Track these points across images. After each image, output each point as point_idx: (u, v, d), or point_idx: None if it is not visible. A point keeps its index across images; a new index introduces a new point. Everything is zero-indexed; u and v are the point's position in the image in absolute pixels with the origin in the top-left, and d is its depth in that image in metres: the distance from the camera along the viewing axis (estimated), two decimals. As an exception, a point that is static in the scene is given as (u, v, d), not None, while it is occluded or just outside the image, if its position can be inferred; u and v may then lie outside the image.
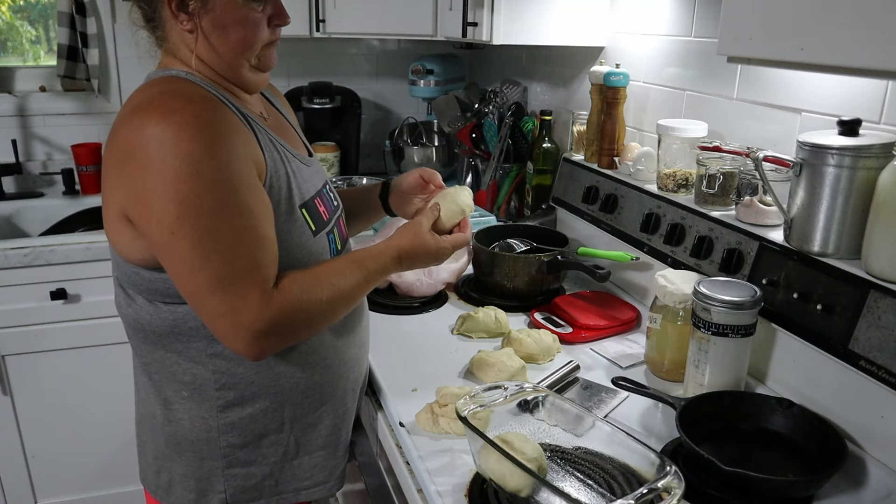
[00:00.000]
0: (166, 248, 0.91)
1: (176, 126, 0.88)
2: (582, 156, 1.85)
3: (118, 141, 0.93)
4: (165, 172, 0.88)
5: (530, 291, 1.62)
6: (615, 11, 1.79)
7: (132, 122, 0.91)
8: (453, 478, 1.01)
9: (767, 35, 0.89)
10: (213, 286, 0.91)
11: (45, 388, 2.05)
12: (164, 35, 1.02)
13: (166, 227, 0.89)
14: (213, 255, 0.90)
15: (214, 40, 0.99)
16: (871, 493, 1.01)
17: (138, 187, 0.90)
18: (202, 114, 0.91)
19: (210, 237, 0.90)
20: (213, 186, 0.89)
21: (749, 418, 1.10)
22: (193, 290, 0.93)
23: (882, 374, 1.01)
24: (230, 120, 0.96)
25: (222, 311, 0.92)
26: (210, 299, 0.92)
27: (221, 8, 0.98)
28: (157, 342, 1.05)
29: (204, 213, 0.89)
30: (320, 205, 1.11)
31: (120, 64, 2.47)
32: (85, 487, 2.18)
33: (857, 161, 1.05)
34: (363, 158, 2.73)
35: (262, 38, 1.02)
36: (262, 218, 0.95)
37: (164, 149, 0.87)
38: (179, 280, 0.94)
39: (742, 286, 1.16)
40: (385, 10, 2.14)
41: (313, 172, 1.14)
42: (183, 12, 0.98)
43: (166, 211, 0.88)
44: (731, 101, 1.41)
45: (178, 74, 1.01)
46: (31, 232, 2.30)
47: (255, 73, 1.05)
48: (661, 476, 0.84)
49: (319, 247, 1.08)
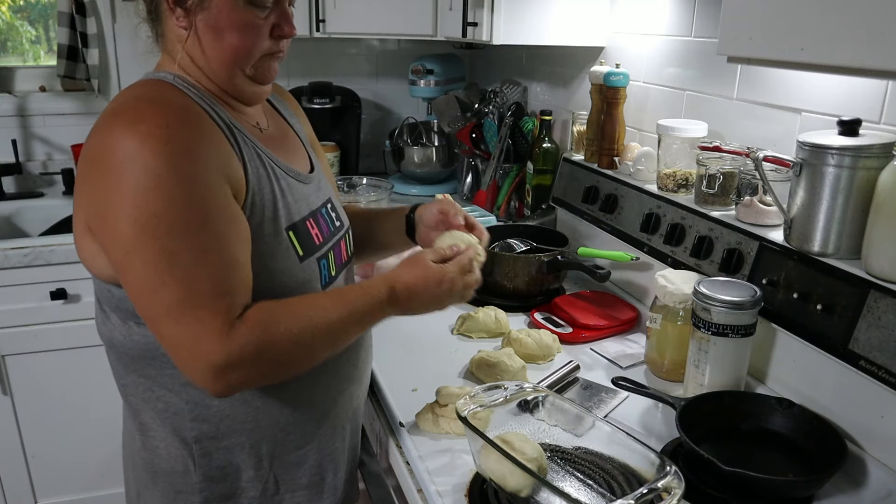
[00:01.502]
0: (123, 267, 0.85)
1: (140, 136, 0.82)
2: (582, 156, 1.85)
3: (87, 147, 0.87)
4: (124, 186, 0.81)
5: (530, 291, 1.62)
6: (615, 11, 1.79)
7: (102, 128, 0.86)
8: (453, 478, 1.01)
9: (767, 35, 0.89)
10: (171, 312, 0.83)
11: (45, 388, 2.05)
12: (162, 31, 0.96)
13: (121, 245, 0.83)
14: (169, 279, 0.82)
15: (207, 42, 0.92)
16: (871, 493, 1.01)
17: (99, 200, 0.85)
18: (171, 124, 0.84)
19: (167, 259, 0.82)
20: (172, 204, 0.82)
21: (749, 418, 1.10)
22: (151, 315, 0.85)
23: (882, 374, 1.01)
24: (205, 132, 0.88)
25: (180, 339, 0.84)
26: (167, 326, 0.84)
27: (219, 8, 0.90)
28: (130, 365, 0.98)
29: (161, 232, 0.81)
30: (313, 227, 1.02)
31: (120, 64, 2.47)
32: (85, 487, 2.18)
33: (857, 161, 1.05)
34: (363, 158, 2.73)
35: (260, 48, 0.94)
36: (230, 240, 0.87)
37: (125, 160, 0.81)
38: (137, 302, 0.86)
39: (742, 286, 1.16)
40: (385, 10, 2.14)
41: (311, 190, 1.05)
42: (180, 7, 0.91)
43: (122, 228, 0.82)
44: (731, 101, 1.41)
45: (164, 78, 0.94)
46: (31, 232, 2.30)
47: (251, 84, 0.97)
48: (661, 476, 0.84)
49: (307, 273, 0.99)
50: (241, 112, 1.00)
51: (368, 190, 2.29)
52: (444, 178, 2.59)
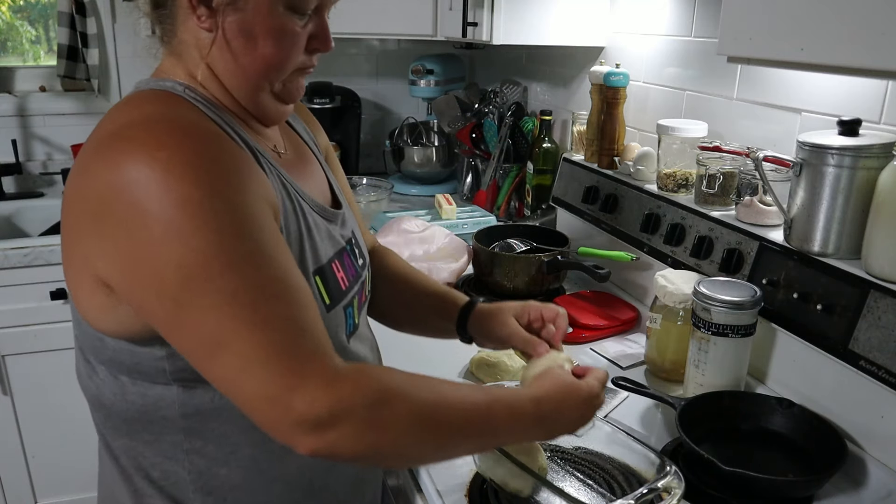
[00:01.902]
0: (173, 323, 0.69)
1: (164, 165, 0.67)
2: (582, 156, 1.85)
3: (90, 181, 0.71)
4: (159, 227, 0.66)
5: (530, 291, 1.62)
6: (615, 11, 1.79)
7: (108, 157, 0.70)
8: (453, 478, 1.01)
9: (767, 35, 0.89)
10: (250, 363, 0.66)
11: (45, 388, 2.05)
12: (172, 29, 0.81)
13: (169, 298, 0.67)
14: (240, 324, 0.66)
15: (236, 48, 0.78)
16: (871, 493, 1.01)
17: (123, 248, 0.69)
18: (201, 148, 0.70)
19: (231, 301, 0.66)
20: (223, 236, 0.67)
21: (749, 418, 1.10)
22: (223, 372, 0.68)
23: (882, 374, 1.01)
24: (238, 155, 0.75)
25: (269, 393, 0.66)
26: (248, 381, 0.66)
27: (255, 10, 0.76)
28: (121, 427, 0.83)
29: (217, 272, 0.66)
30: (339, 270, 0.89)
31: (120, 64, 2.47)
32: (85, 487, 2.17)
33: (857, 161, 1.05)
34: (363, 158, 2.73)
35: (294, 60, 0.81)
36: (293, 270, 0.73)
37: (152, 196, 0.66)
38: (202, 361, 0.69)
39: (742, 286, 1.16)
40: (385, 10, 2.14)
41: (336, 228, 0.92)
42: (204, 5, 0.76)
43: (166, 277, 0.67)
44: (731, 101, 1.41)
45: (172, 90, 0.79)
46: (31, 232, 2.30)
47: (276, 102, 0.84)
48: (662, 476, 0.84)
49: (333, 323, 0.86)
50: (259, 133, 0.87)
51: (368, 190, 2.29)
52: (444, 178, 2.59)
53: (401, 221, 1.82)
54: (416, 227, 1.80)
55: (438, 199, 2.07)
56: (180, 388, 0.79)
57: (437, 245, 1.76)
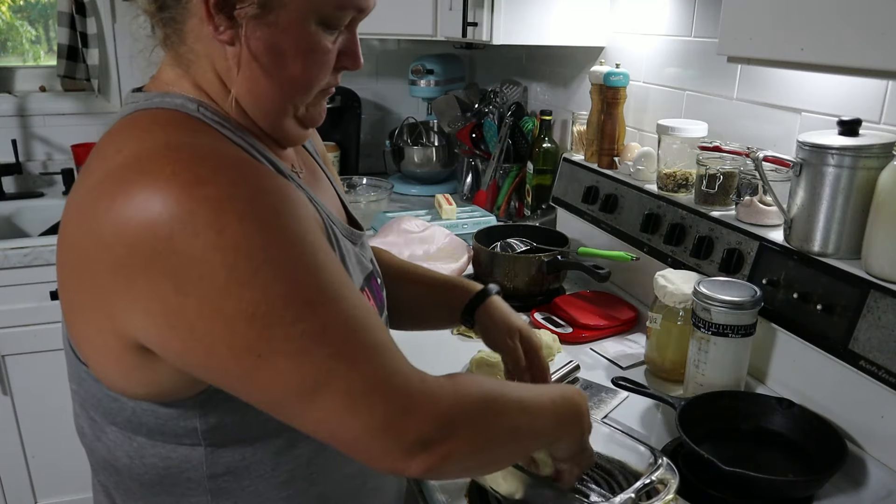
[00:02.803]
0: (254, 377, 0.61)
1: (212, 204, 0.58)
2: (582, 156, 1.85)
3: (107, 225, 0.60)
4: (217, 279, 0.58)
5: (530, 291, 1.62)
6: (615, 11, 1.79)
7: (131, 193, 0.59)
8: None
9: (767, 35, 0.89)
10: (353, 400, 0.62)
11: (45, 388, 2.04)
12: (178, 36, 0.71)
13: (247, 351, 0.60)
14: (334, 364, 0.61)
15: (262, 66, 0.69)
16: (871, 493, 1.01)
17: (173, 305, 0.59)
18: (246, 180, 0.62)
19: (321, 341, 0.61)
20: (293, 273, 0.61)
21: (749, 418, 1.10)
22: (321, 416, 0.63)
23: (882, 374, 1.01)
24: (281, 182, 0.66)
25: (378, 424, 0.63)
26: (354, 419, 0.62)
27: (286, 25, 0.68)
28: (136, 491, 0.75)
29: (297, 313, 0.60)
30: (370, 298, 0.83)
31: (120, 64, 2.47)
32: (85, 487, 2.16)
33: (857, 161, 1.05)
34: (363, 158, 2.73)
35: (323, 80, 0.74)
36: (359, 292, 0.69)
37: (202, 241, 0.57)
38: (291, 410, 0.64)
39: (742, 286, 1.16)
40: (385, 10, 2.12)
41: (362, 250, 0.87)
42: (224, 14, 0.67)
43: (239, 331, 0.59)
44: (731, 101, 1.41)
45: (183, 108, 0.69)
46: (31, 232, 2.30)
47: (297, 126, 0.76)
48: (654, 469, 0.84)
49: None
50: (277, 154, 0.78)
51: (368, 190, 2.29)
52: (444, 178, 2.59)
53: (401, 221, 1.82)
54: (416, 227, 1.80)
55: (438, 199, 2.07)
56: (209, 449, 0.72)
57: (437, 245, 1.76)
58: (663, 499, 0.81)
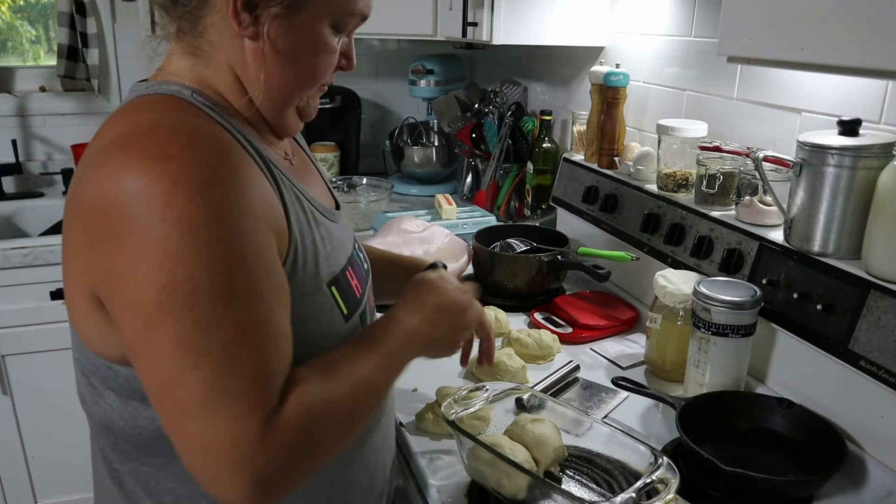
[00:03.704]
0: (140, 346, 0.65)
1: (168, 178, 0.63)
2: (582, 156, 1.85)
3: (88, 192, 0.67)
4: (151, 243, 0.63)
5: (530, 291, 1.62)
6: (615, 11, 1.79)
7: (109, 165, 0.66)
8: (454, 478, 1.01)
9: (767, 35, 0.89)
10: (201, 405, 0.63)
11: (45, 388, 2.05)
12: (195, 29, 0.76)
13: (142, 317, 0.63)
14: (203, 361, 0.63)
15: (279, 60, 0.76)
16: (871, 493, 1.01)
17: (113, 261, 0.65)
18: (206, 161, 0.66)
19: (203, 336, 0.63)
20: (215, 264, 0.64)
21: (749, 418, 1.10)
22: (171, 408, 0.65)
23: (882, 374, 1.01)
24: (245, 170, 0.70)
25: (209, 441, 0.63)
26: (192, 422, 0.63)
27: (305, 26, 0.75)
28: (131, 453, 0.80)
29: (198, 301, 0.63)
30: (352, 277, 0.87)
31: (120, 64, 2.47)
32: (85, 487, 2.15)
33: (857, 161, 1.05)
34: (363, 158, 2.73)
35: (327, 76, 0.82)
36: (278, 309, 0.70)
37: (150, 210, 0.63)
38: (155, 391, 0.66)
39: (742, 286, 1.16)
40: (385, 10, 2.13)
41: (342, 230, 0.90)
42: (248, 12, 0.73)
43: (144, 297, 0.63)
44: (731, 101, 1.41)
45: (178, 94, 0.75)
46: (31, 232, 2.30)
47: (297, 119, 0.85)
48: (655, 468, 0.85)
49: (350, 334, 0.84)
50: (269, 142, 0.85)
51: (368, 190, 2.29)
52: (444, 178, 2.59)
53: (401, 221, 1.82)
54: (416, 227, 1.80)
55: (438, 199, 2.07)
56: None
57: (437, 245, 1.76)
58: (663, 499, 0.81)
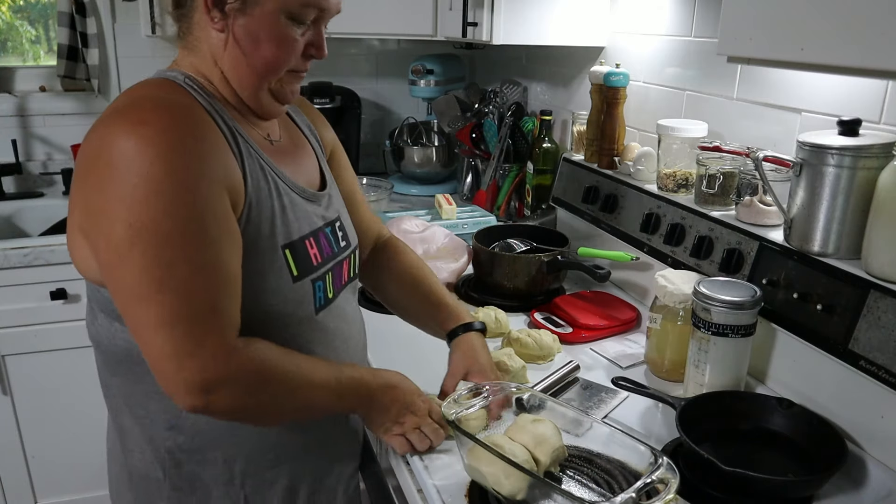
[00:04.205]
0: (113, 271, 0.83)
1: (142, 140, 0.79)
2: (582, 156, 1.85)
3: (86, 145, 0.85)
4: (122, 189, 0.79)
5: (530, 291, 1.62)
6: (615, 11, 1.79)
7: (104, 127, 0.83)
8: (454, 478, 1.01)
9: (767, 35, 0.89)
10: (161, 323, 0.80)
11: (45, 388, 2.05)
12: (188, 27, 0.93)
13: (114, 248, 0.80)
14: (163, 289, 0.80)
15: (242, 48, 0.90)
16: (871, 493, 1.01)
17: (94, 200, 0.82)
18: (174, 128, 0.82)
19: (162, 269, 0.79)
20: (171, 212, 0.79)
21: (749, 418, 1.10)
22: (138, 323, 0.82)
23: (882, 374, 1.01)
24: (208, 139, 0.86)
25: (168, 351, 0.80)
26: (155, 336, 0.81)
27: (261, 17, 0.89)
28: (113, 367, 0.97)
29: (158, 240, 0.79)
30: (312, 246, 0.99)
31: (120, 64, 2.47)
32: (85, 487, 2.18)
33: (857, 161, 1.05)
34: (363, 158, 2.73)
35: (289, 63, 0.93)
36: (227, 254, 0.85)
37: (124, 162, 0.79)
38: (123, 308, 0.84)
39: (742, 286, 1.16)
40: (385, 10, 2.14)
41: (317, 209, 1.03)
42: (218, 9, 0.89)
43: (115, 231, 0.79)
44: (731, 101, 1.41)
45: (173, 79, 0.92)
46: (31, 232, 2.30)
47: (272, 100, 0.96)
48: (655, 468, 0.85)
49: (299, 294, 0.96)
50: (252, 123, 0.98)
51: (368, 190, 2.29)
52: (444, 178, 2.59)
53: (401, 221, 1.82)
54: (416, 227, 1.80)
55: (438, 199, 2.07)
56: None
57: (437, 245, 1.76)
58: (663, 499, 0.81)
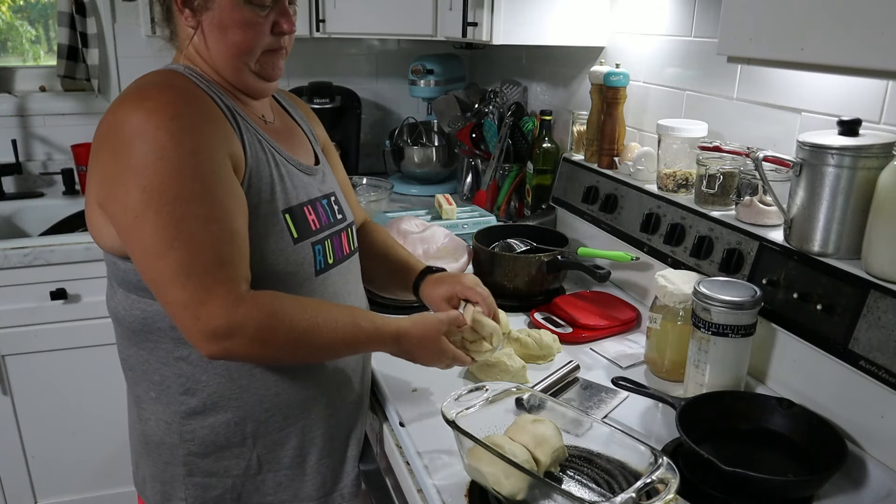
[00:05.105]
0: (130, 232, 0.91)
1: (147, 112, 0.89)
2: (582, 156, 1.85)
3: (100, 126, 0.94)
4: (133, 158, 0.88)
5: (530, 291, 1.62)
6: (615, 11, 1.79)
7: (113, 110, 0.93)
8: (454, 478, 1.01)
9: (767, 35, 0.89)
10: (177, 275, 0.89)
11: (45, 388, 2.05)
12: (174, 30, 1.04)
13: (130, 211, 0.89)
14: (176, 244, 0.88)
15: (213, 40, 1.00)
16: (871, 493, 1.01)
17: (108, 171, 0.92)
18: (175, 101, 0.92)
19: (174, 225, 0.88)
20: (178, 174, 0.88)
21: (749, 418, 1.10)
22: (156, 278, 0.91)
23: (882, 374, 1.01)
24: (208, 112, 0.96)
25: (184, 301, 0.89)
26: (172, 288, 0.89)
27: (221, 8, 0.98)
28: (130, 337, 1.04)
29: (168, 200, 0.88)
30: (310, 213, 1.07)
31: (120, 64, 2.47)
32: (85, 487, 2.18)
33: (857, 161, 1.05)
34: (363, 158, 2.73)
35: (260, 44, 1.01)
36: (232, 211, 0.93)
37: (133, 134, 0.88)
38: (143, 267, 0.92)
39: (742, 286, 1.16)
40: (385, 10, 2.14)
41: (313, 181, 1.11)
42: (188, 8, 0.99)
43: (131, 196, 0.88)
44: (731, 101, 1.41)
45: (175, 69, 1.02)
46: (31, 232, 2.30)
47: (257, 79, 1.04)
48: (655, 468, 0.84)
49: (300, 256, 1.03)
50: (246, 104, 1.07)
51: (368, 190, 2.29)
52: (444, 178, 2.59)
53: (401, 221, 1.82)
54: (416, 227, 1.80)
55: (438, 199, 2.07)
56: None
57: (437, 245, 1.76)
58: (663, 499, 0.81)
